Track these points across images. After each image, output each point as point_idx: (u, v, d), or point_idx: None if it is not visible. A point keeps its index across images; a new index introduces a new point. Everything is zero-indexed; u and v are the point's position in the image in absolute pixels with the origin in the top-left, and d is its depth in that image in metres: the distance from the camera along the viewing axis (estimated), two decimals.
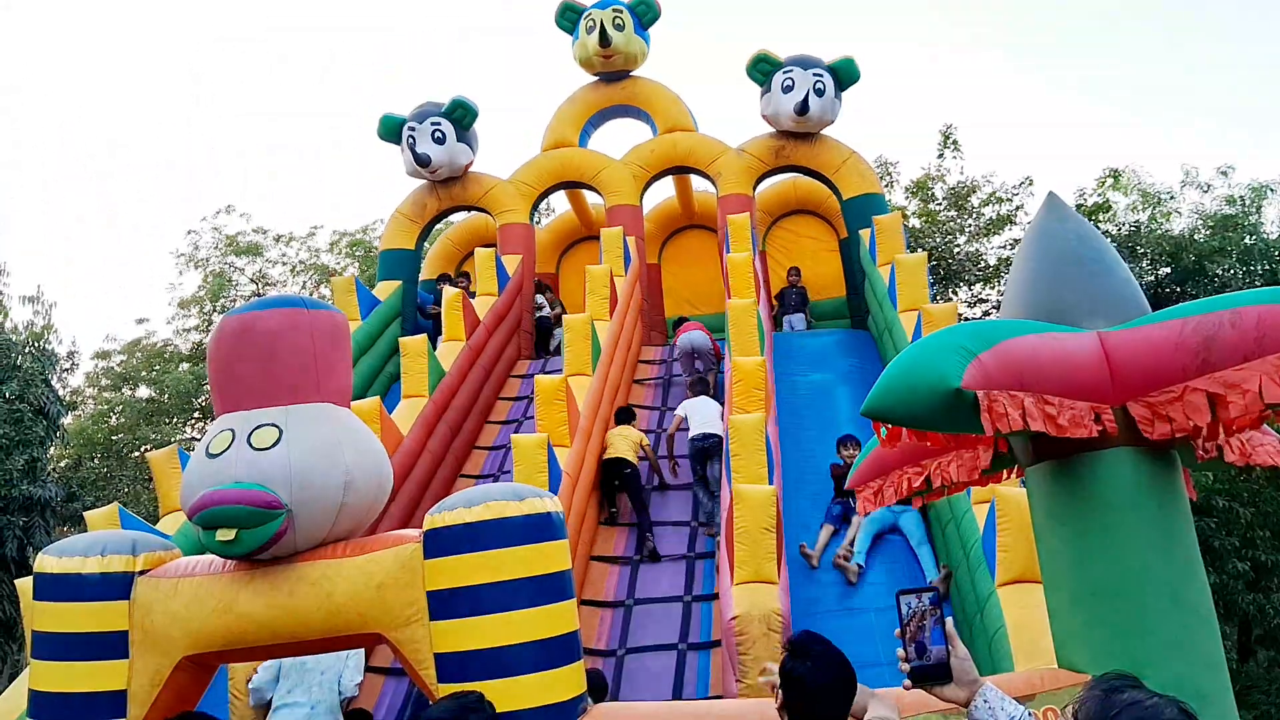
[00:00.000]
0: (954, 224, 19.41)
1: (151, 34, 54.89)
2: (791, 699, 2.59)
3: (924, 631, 2.45)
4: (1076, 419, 2.93)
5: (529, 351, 12.72)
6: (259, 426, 3.69)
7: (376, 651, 6.92)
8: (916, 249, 14.51)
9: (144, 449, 19.95)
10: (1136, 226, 17.97)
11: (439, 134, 13.11)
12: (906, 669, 2.45)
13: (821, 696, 2.57)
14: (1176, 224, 18.11)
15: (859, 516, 7.73)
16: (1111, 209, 18.29)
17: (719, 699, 6.17)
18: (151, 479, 9.57)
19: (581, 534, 8.04)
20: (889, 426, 3.04)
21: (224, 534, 3.56)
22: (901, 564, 7.59)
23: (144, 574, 3.89)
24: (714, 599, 7.54)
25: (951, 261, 18.82)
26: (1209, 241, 16.93)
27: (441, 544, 3.62)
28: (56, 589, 3.83)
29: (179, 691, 3.84)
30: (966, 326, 3.08)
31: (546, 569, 3.63)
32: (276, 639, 3.77)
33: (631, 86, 14.16)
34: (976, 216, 19.42)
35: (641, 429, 9.63)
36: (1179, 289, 16.65)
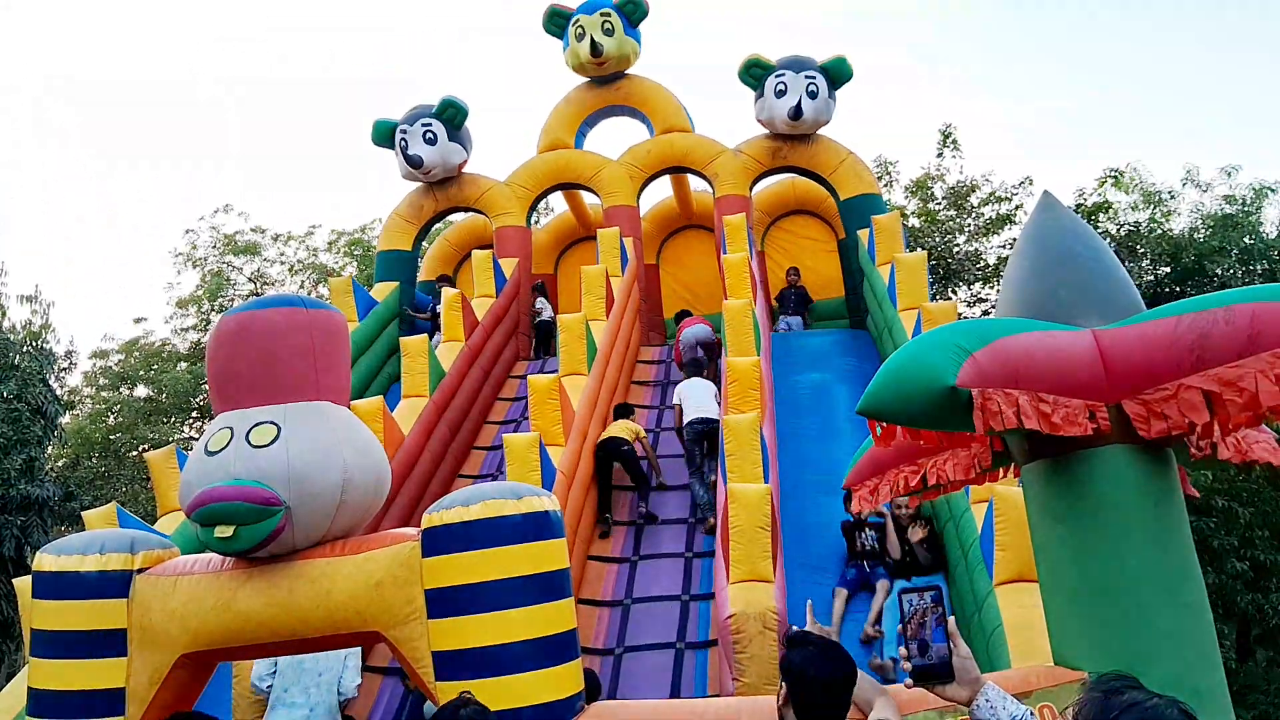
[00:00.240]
0: (953, 223, 19.41)
1: (152, 34, 54.90)
2: (793, 690, 2.61)
3: (926, 630, 2.45)
4: (1071, 417, 2.92)
5: (527, 352, 12.73)
6: (257, 424, 3.70)
7: (374, 651, 6.93)
8: (916, 248, 14.48)
9: (142, 448, 19.96)
10: (1136, 226, 17.96)
11: (430, 135, 13.09)
12: (908, 667, 2.45)
13: (821, 686, 2.59)
14: (1176, 224, 18.13)
15: (883, 581, 7.24)
16: (1111, 208, 18.28)
17: (716, 697, 6.18)
18: (149, 478, 9.57)
19: (579, 533, 8.04)
20: (884, 425, 3.04)
21: (222, 530, 3.58)
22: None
23: (142, 572, 3.91)
24: (711, 598, 7.54)
25: (951, 261, 18.82)
26: (1209, 241, 16.92)
27: (439, 542, 3.62)
28: (55, 587, 3.84)
29: (178, 689, 3.85)
30: (961, 325, 3.07)
31: (544, 567, 3.63)
32: (275, 637, 3.78)
33: (627, 86, 14.10)
34: (976, 216, 19.42)
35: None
36: (1178, 288, 16.65)
